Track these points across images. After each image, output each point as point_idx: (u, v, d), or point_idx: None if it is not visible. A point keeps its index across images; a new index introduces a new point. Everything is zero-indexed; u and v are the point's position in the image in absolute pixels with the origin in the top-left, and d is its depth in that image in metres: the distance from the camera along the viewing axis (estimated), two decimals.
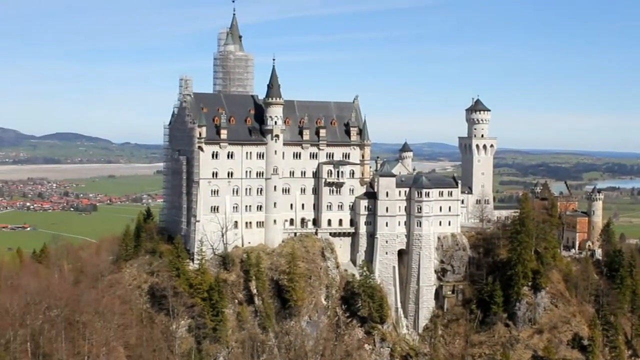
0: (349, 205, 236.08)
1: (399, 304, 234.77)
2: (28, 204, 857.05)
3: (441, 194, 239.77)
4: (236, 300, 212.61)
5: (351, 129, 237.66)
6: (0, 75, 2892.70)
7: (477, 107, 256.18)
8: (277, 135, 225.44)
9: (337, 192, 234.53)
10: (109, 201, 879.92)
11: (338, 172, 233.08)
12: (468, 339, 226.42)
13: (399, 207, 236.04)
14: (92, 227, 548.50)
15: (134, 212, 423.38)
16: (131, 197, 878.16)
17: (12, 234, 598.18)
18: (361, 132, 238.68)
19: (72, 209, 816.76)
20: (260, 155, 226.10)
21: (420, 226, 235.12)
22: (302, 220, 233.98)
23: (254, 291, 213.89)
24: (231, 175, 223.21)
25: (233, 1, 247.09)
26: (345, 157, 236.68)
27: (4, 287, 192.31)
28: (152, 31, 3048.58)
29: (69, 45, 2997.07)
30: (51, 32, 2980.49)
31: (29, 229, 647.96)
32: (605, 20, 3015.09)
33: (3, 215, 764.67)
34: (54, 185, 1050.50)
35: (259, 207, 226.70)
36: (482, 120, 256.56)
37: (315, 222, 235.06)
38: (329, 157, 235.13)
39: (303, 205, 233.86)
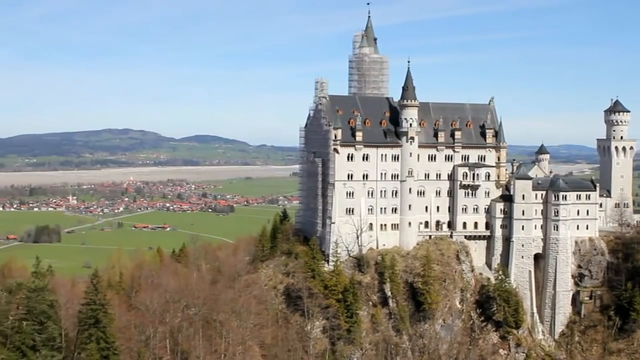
0: (485, 208, 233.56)
1: (535, 309, 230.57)
2: (168, 204, 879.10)
3: (579, 197, 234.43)
4: (370, 302, 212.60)
5: (487, 131, 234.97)
6: (141, 80, 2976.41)
7: (616, 108, 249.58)
8: (412, 138, 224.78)
9: (472, 195, 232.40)
10: (245, 202, 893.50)
11: (473, 174, 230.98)
12: (606, 347, 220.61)
13: (536, 210, 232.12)
14: (229, 228, 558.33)
15: (270, 213, 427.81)
16: (267, 199, 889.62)
17: (152, 234, 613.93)
18: (497, 134, 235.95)
19: (209, 210, 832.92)
20: (395, 158, 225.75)
21: (557, 230, 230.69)
22: (437, 222, 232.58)
23: (388, 293, 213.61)
24: (366, 178, 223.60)
25: (368, 4, 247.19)
26: (481, 160, 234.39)
27: (144, 285, 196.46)
28: (289, 34, 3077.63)
29: (206, 50, 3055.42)
30: (188, 37, 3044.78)
31: (168, 229, 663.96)
32: None
33: (144, 216, 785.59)
34: (193, 186, 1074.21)
35: (394, 210, 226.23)
36: (621, 121, 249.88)
37: (450, 224, 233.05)
38: (464, 160, 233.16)
39: (438, 207, 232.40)
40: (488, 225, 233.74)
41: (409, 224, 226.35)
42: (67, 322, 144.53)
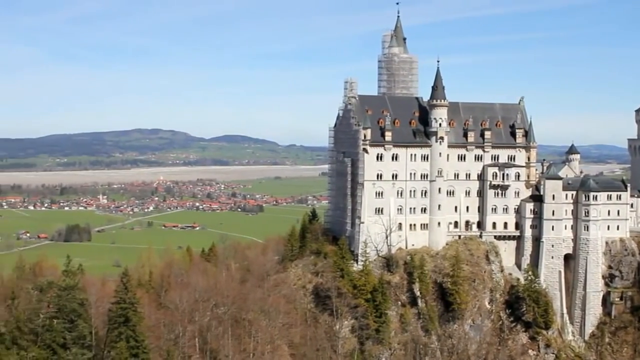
0: (514, 208, 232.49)
1: (565, 310, 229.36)
2: (197, 204, 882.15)
3: (609, 197, 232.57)
4: (399, 302, 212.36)
5: (517, 130, 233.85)
6: (171, 80, 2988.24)
7: None
8: (441, 138, 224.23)
9: (502, 195, 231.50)
10: (274, 202, 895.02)
11: (503, 174, 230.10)
12: (636, 348, 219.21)
13: (566, 210, 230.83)
14: (259, 227, 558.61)
15: (299, 213, 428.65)
16: (296, 199, 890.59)
17: (182, 233, 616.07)
18: (527, 134, 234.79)
19: (239, 210, 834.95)
20: (425, 158, 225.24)
21: (587, 230, 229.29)
22: (467, 222, 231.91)
23: (417, 293, 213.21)
24: (395, 177, 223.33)
25: (397, 3, 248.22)
26: (511, 160, 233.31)
27: (174, 284, 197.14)
28: (319, 35, 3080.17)
29: (236, 50, 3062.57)
30: (220, 38, 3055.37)
31: (198, 228, 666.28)
32: None
33: (173, 215, 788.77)
34: (222, 186, 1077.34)
35: (423, 210, 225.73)
36: None
37: (480, 225, 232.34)
38: (494, 160, 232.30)
39: (467, 207, 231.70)
40: (518, 226, 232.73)
41: (438, 224, 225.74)
42: (97, 321, 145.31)
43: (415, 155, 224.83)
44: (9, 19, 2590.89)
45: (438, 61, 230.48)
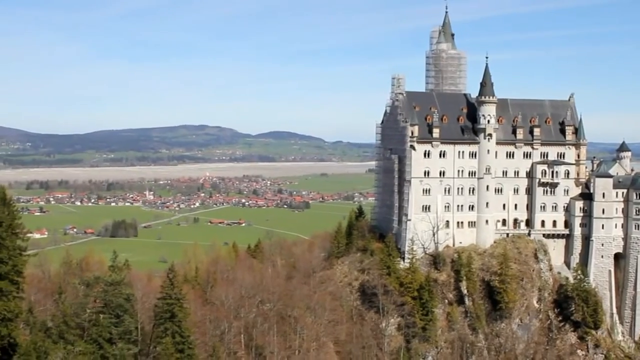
0: (564, 207, 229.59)
1: (614, 310, 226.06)
2: (243, 200, 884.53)
3: None
4: (446, 300, 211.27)
5: (566, 127, 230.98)
6: (218, 76, 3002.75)
7: None
8: (490, 134, 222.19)
9: (551, 193, 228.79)
10: (321, 199, 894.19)
11: (552, 172, 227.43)
12: None
13: (616, 209, 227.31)
14: (305, 224, 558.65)
15: (345, 210, 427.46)
16: (343, 195, 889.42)
17: (228, 229, 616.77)
18: (577, 131, 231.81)
19: (285, 206, 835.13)
20: (473, 155, 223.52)
21: (638, 229, 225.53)
22: (515, 220, 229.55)
23: (465, 291, 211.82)
24: (443, 175, 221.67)
25: None
26: (560, 157, 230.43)
27: (220, 280, 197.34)
28: (366, 31, 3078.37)
29: (283, 46, 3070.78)
30: (267, 34, 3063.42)
31: (244, 224, 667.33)
32: None
33: (220, 211, 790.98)
34: (268, 182, 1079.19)
35: (471, 207, 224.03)
36: None
37: (528, 223, 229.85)
38: (543, 157, 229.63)
39: (516, 205, 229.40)
40: (567, 224, 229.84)
41: (486, 221, 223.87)
42: (143, 316, 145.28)
43: (463, 152, 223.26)
44: (56, 16, 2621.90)
45: (487, 57, 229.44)
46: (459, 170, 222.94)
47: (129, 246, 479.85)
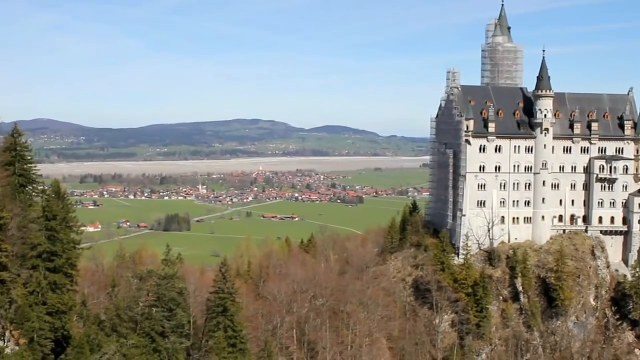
0: (622, 203, 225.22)
1: None
2: (297, 195, 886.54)
3: None
4: (501, 297, 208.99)
5: (625, 122, 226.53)
6: (271, 70, 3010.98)
7: None
8: (547, 129, 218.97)
9: (609, 189, 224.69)
10: (375, 194, 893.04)
11: (611, 167, 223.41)
12: None
13: None
14: (358, 219, 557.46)
15: (399, 205, 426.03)
16: (397, 190, 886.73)
17: (281, 224, 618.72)
18: (636, 126, 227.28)
19: (338, 201, 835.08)
20: (529, 150, 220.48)
21: None
22: (572, 217, 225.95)
23: (520, 289, 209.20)
24: (499, 170, 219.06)
25: None
26: (619, 152, 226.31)
27: (272, 275, 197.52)
28: (421, 24, 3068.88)
29: (337, 40, 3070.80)
30: (320, 28, 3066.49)
31: (297, 219, 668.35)
32: None
33: (273, 206, 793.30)
34: (322, 177, 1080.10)
35: (527, 203, 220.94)
36: None
37: (586, 219, 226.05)
38: (601, 152, 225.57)
39: (573, 201, 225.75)
40: (625, 221, 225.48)
41: (543, 217, 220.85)
42: (195, 310, 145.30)
43: (519, 147, 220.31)
44: (112, 11, 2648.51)
45: (544, 51, 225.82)
46: (515, 166, 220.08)
47: (182, 240, 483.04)
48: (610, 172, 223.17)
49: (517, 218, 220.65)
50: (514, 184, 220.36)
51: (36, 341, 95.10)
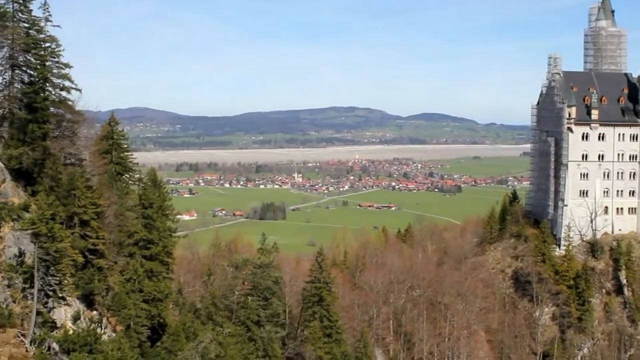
0: None
1: None
2: (393, 183, 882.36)
3: None
4: (604, 290, 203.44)
5: None
6: (368, 57, 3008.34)
7: None
8: None
9: None
10: (473, 183, 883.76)
11: None
12: None
13: None
14: (456, 208, 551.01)
15: (498, 194, 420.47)
16: (496, 179, 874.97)
17: (377, 213, 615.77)
18: None
19: (436, 190, 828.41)
20: (634, 137, 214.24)
21: None
22: None
23: (624, 281, 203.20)
24: (602, 158, 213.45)
25: None
26: None
27: (369, 265, 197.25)
28: (521, 7, 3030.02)
29: (434, 25, 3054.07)
30: (418, 14, 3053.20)
31: (393, 208, 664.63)
32: None
33: (369, 194, 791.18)
34: (419, 165, 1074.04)
35: (632, 193, 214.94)
36: None
37: None
38: None
39: None
40: None
41: None
42: (291, 299, 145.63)
43: (623, 134, 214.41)
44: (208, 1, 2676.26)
45: None
46: (619, 154, 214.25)
47: (277, 229, 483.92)
48: None
49: (621, 208, 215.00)
50: (618, 172, 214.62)
51: (132, 328, 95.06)
